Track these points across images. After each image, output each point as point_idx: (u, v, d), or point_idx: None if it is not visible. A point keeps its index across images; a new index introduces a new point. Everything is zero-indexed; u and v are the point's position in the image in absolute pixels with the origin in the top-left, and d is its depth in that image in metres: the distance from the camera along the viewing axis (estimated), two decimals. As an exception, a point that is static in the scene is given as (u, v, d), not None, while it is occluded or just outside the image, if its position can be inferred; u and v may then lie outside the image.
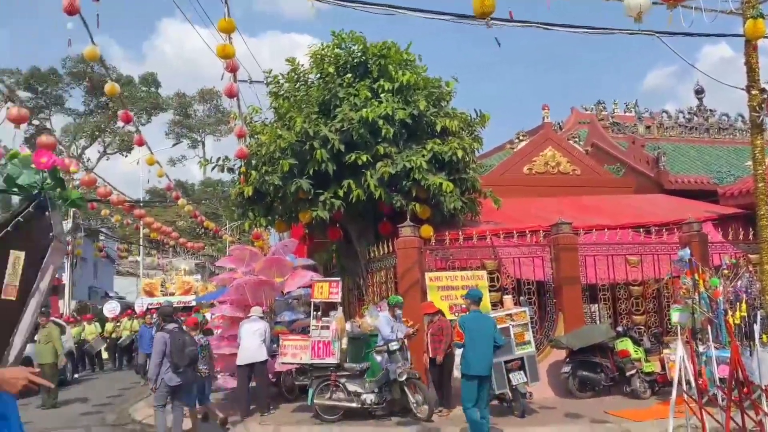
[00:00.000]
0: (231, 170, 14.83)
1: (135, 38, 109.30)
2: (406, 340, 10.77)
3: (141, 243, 41.35)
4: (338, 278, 12.31)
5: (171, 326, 9.90)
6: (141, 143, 13.85)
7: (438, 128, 13.20)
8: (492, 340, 8.67)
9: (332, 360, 10.94)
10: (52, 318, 17.65)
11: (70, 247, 30.07)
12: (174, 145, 55.67)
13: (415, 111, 12.96)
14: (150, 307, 27.44)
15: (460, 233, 13.13)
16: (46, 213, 3.71)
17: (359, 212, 13.48)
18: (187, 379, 9.72)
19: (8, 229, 3.51)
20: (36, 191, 3.71)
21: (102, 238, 38.60)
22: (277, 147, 12.89)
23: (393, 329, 10.60)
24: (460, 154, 12.90)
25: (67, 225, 31.73)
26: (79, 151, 46.21)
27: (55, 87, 48.67)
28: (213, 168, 14.85)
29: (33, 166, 3.69)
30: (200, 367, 10.40)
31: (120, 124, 38.73)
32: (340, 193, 12.79)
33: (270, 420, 11.19)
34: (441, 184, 12.63)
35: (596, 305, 13.65)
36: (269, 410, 11.71)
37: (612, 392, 11.73)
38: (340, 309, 11.76)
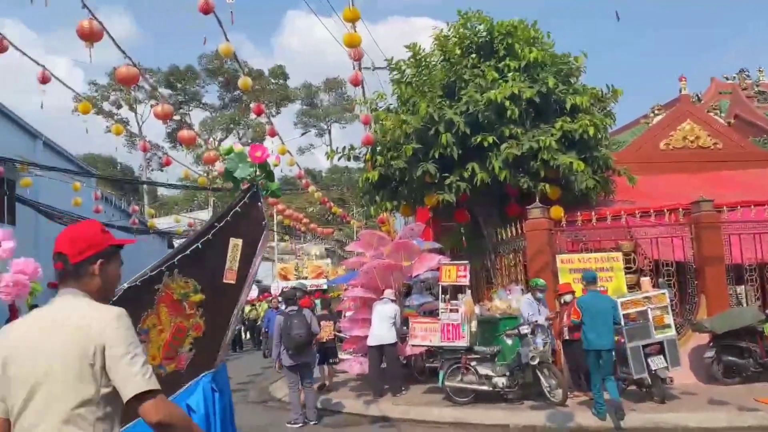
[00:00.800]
0: (357, 158, 15.13)
1: (264, 33, 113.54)
2: (548, 323, 10.63)
3: (275, 229, 43.09)
4: (466, 261, 12.28)
5: (288, 309, 10.33)
6: (273, 134, 14.34)
7: (567, 105, 12.81)
8: (611, 317, 9.32)
9: (462, 343, 10.96)
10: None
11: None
12: (302, 134, 57.51)
13: (543, 89, 12.65)
14: (284, 290, 28.48)
15: (592, 213, 12.72)
16: (259, 203, 4.03)
17: (486, 195, 13.36)
18: (300, 359, 10.10)
19: (228, 218, 3.86)
20: (250, 183, 4.03)
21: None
22: (402, 132, 12.99)
23: (533, 312, 10.50)
24: (591, 131, 12.45)
25: (207, 213, 33.62)
26: (216, 143, 48.68)
27: (193, 84, 51.58)
28: (340, 158, 15.20)
29: (248, 159, 4.00)
30: None
31: (252, 116, 40.43)
32: (466, 175, 12.71)
33: (402, 400, 11.38)
34: (571, 163, 12.27)
35: (742, 286, 12.78)
36: (401, 391, 11.92)
37: (762, 379, 10.97)
38: (468, 292, 11.75)
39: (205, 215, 34.75)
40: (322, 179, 57.55)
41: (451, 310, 11.24)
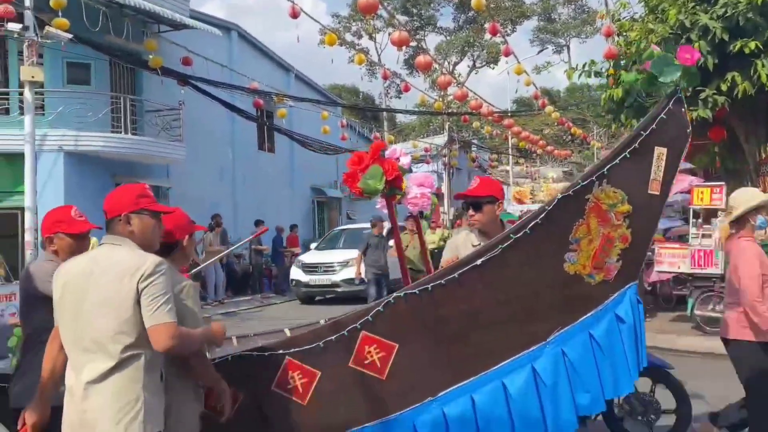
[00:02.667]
0: (598, 74, 14.26)
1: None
2: None
3: (510, 152, 42.84)
4: (722, 183, 11.26)
5: None
6: (508, 54, 14.10)
7: None
8: None
9: (715, 270, 10.18)
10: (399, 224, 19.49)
11: (446, 159, 32.56)
12: (539, 52, 55.65)
13: (828, -20, 10.85)
14: (519, 214, 28.36)
15: None
16: (683, 109, 3.86)
17: (748, 108, 11.98)
18: None
19: (653, 126, 3.74)
20: (674, 87, 3.85)
21: (474, 148, 40.92)
22: (650, 43, 11.99)
23: None
24: None
25: (443, 138, 34.28)
26: (451, 67, 48.99)
27: (428, 8, 52.03)
28: (579, 75, 14.42)
29: (675, 62, 3.82)
30: None
31: (487, 36, 39.98)
32: (724, 88, 11.46)
33: (647, 327, 10.95)
34: None
35: None
36: (646, 318, 11.46)
37: None
38: (723, 216, 10.84)
39: (440, 140, 35.43)
40: (560, 99, 55.46)
41: (703, 236, 10.52)
